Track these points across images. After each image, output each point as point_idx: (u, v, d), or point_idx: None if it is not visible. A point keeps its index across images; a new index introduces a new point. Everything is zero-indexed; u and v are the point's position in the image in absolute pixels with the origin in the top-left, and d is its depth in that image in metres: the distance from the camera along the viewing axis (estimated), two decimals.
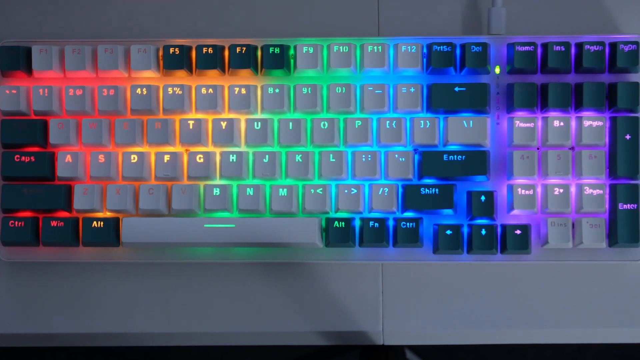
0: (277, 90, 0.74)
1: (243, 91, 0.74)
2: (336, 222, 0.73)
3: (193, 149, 0.75)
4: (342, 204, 0.73)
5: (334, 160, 0.74)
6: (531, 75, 0.74)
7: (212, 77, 0.76)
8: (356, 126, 0.74)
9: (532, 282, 0.77)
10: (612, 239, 0.73)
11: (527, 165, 0.73)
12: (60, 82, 0.76)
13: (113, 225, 0.75)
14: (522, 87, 0.73)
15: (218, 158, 0.75)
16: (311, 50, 0.74)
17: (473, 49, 0.73)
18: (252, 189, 0.74)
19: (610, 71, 0.74)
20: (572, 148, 0.73)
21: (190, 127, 0.74)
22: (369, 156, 0.74)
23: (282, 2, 0.80)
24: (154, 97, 0.75)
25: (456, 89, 0.73)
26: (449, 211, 0.73)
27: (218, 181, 0.75)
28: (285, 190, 0.73)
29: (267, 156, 0.74)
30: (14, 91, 0.75)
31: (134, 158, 0.74)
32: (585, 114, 0.73)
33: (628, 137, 0.72)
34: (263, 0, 0.80)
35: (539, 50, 0.74)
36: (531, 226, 0.73)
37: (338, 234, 0.73)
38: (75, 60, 0.75)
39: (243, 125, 0.75)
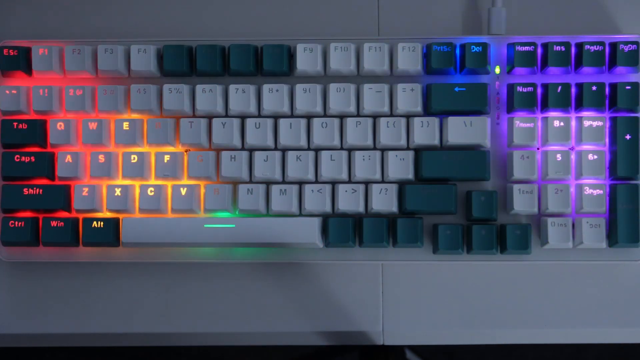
0: (277, 90, 0.74)
1: (243, 91, 0.74)
2: (336, 222, 0.73)
3: (193, 149, 0.75)
4: (342, 204, 0.73)
5: (333, 160, 0.74)
6: (531, 75, 0.74)
7: (212, 77, 0.76)
8: (356, 126, 0.74)
9: (532, 282, 0.77)
10: (612, 239, 0.73)
11: (527, 165, 0.73)
12: (60, 82, 0.76)
13: (113, 225, 0.74)
14: (522, 87, 0.73)
15: (218, 158, 0.74)
16: (311, 50, 0.74)
17: (473, 49, 0.73)
18: (252, 189, 0.74)
19: (610, 71, 0.74)
20: (572, 148, 0.73)
21: (190, 127, 0.74)
22: (369, 156, 0.73)
23: (282, 2, 0.80)
24: (154, 97, 0.75)
25: (456, 89, 0.73)
26: (449, 211, 0.73)
27: (218, 181, 0.75)
28: (285, 190, 0.73)
29: (267, 156, 0.74)
30: (14, 91, 0.75)
31: (134, 158, 0.74)
32: (585, 114, 0.73)
33: (628, 137, 0.72)
34: (263, 0, 0.80)
35: (539, 50, 0.74)
36: (531, 226, 0.73)
37: (338, 234, 0.73)
38: (75, 60, 0.75)
39: (243, 125, 0.75)
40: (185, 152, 0.75)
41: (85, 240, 0.74)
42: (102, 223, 0.74)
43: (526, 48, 0.73)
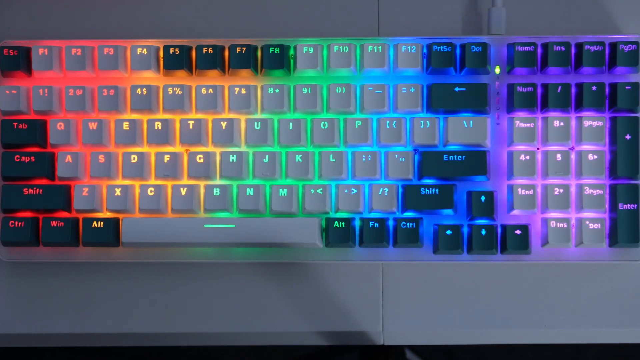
0: (277, 90, 0.74)
1: (243, 91, 0.74)
2: (336, 222, 0.73)
3: (193, 149, 0.75)
4: (342, 204, 0.73)
5: (334, 160, 0.74)
6: (531, 75, 0.74)
7: (212, 77, 0.76)
8: (356, 126, 0.74)
9: (532, 282, 0.77)
10: (612, 239, 0.73)
11: (527, 165, 0.73)
12: (60, 82, 0.76)
13: (113, 225, 0.74)
14: (522, 87, 0.73)
15: (218, 158, 0.75)
16: (311, 50, 0.74)
17: (473, 49, 0.73)
18: (252, 189, 0.74)
19: (610, 71, 0.74)
20: (572, 148, 0.73)
21: (190, 127, 0.74)
22: (369, 156, 0.74)
23: (282, 2, 0.80)
24: (154, 97, 0.75)
25: (456, 89, 0.73)
26: (449, 211, 0.73)
27: (218, 181, 0.75)
28: (285, 190, 0.73)
29: (267, 156, 0.74)
30: (14, 91, 0.75)
31: (134, 158, 0.74)
32: (585, 114, 0.73)
33: (628, 137, 0.73)
34: (263, 0, 0.80)
35: (539, 50, 0.74)
36: (531, 226, 0.73)
37: (338, 234, 0.73)
38: (75, 60, 0.75)
39: (243, 125, 0.75)
40: (185, 152, 0.75)
41: (85, 240, 0.74)
42: (102, 223, 0.74)
43: (526, 48, 0.73)
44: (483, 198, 0.73)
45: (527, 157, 0.73)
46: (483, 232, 0.73)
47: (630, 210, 0.72)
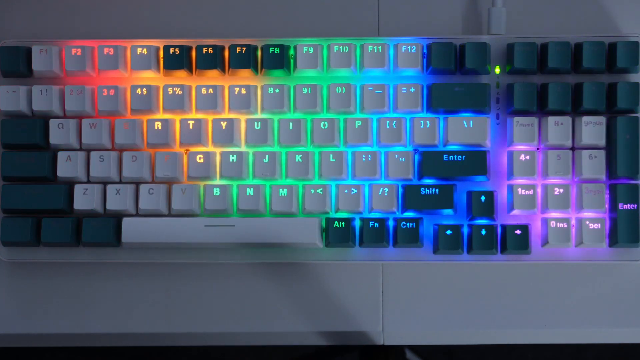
0: (277, 90, 0.74)
1: (243, 91, 0.74)
2: (336, 222, 0.73)
3: (193, 149, 0.75)
4: (342, 204, 0.73)
5: (334, 160, 0.74)
6: (531, 75, 0.74)
7: (212, 77, 0.76)
8: (356, 126, 0.74)
9: (532, 282, 0.77)
10: (612, 239, 0.73)
11: (527, 165, 0.73)
12: (60, 82, 0.76)
13: (113, 225, 0.74)
14: (522, 87, 0.73)
15: (218, 158, 0.75)
16: (311, 50, 0.74)
17: (473, 49, 0.73)
18: (252, 189, 0.74)
19: (610, 71, 0.74)
20: (572, 148, 0.73)
21: (190, 127, 0.74)
22: (369, 156, 0.74)
23: (282, 2, 0.80)
24: (154, 97, 0.75)
25: (456, 89, 0.73)
26: (449, 211, 0.73)
27: (218, 181, 0.75)
28: (285, 190, 0.73)
29: (267, 156, 0.74)
30: (14, 91, 0.75)
31: (134, 158, 0.74)
32: (585, 114, 0.73)
33: (628, 137, 0.72)
34: (263, 0, 0.80)
35: (539, 50, 0.74)
36: (531, 226, 0.73)
37: (338, 234, 0.73)
38: (75, 60, 0.75)
39: (243, 125, 0.75)
40: (185, 152, 0.75)
41: (85, 240, 0.74)
42: (102, 223, 0.74)
43: (526, 48, 0.73)
44: (483, 198, 0.73)
45: (527, 157, 0.73)
46: (483, 232, 0.73)
47: (630, 210, 0.72)
